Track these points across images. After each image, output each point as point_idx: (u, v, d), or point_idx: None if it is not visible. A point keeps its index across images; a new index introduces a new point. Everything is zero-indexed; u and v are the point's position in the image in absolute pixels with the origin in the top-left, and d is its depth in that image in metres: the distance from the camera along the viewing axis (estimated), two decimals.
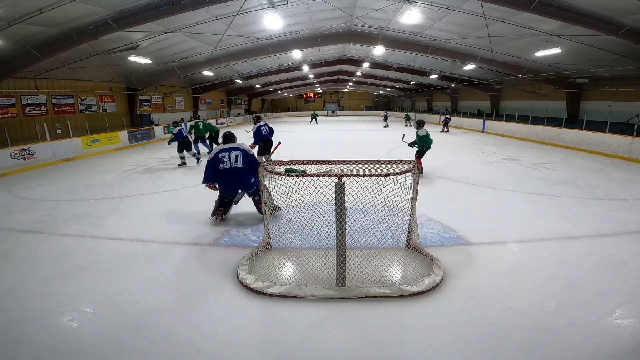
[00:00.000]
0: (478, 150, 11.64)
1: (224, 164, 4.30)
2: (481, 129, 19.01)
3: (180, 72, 15.97)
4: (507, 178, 7.28)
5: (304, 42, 14.46)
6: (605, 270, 3.26)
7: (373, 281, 2.99)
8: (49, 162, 10.39)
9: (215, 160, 4.33)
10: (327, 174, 2.85)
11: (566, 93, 16.02)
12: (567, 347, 2.26)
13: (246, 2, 8.66)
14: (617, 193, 5.99)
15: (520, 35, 10.87)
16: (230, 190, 4.54)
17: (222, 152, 4.36)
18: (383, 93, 40.72)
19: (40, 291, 3.05)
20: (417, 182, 3.31)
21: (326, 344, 2.35)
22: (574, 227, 4.38)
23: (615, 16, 8.20)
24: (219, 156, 4.33)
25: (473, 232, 4.19)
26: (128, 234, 4.38)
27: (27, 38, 8.74)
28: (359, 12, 11.32)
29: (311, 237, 3.55)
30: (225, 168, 4.30)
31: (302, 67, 21.53)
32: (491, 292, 2.90)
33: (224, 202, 4.60)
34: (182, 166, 9.14)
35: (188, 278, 3.23)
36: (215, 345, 2.34)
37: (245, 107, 35.35)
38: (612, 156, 10.05)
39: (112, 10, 8.47)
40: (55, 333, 2.49)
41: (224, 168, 4.30)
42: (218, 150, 4.38)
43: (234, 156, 4.34)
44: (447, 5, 9.63)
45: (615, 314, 2.60)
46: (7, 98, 11.36)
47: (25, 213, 5.44)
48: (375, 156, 9.08)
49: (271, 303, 2.80)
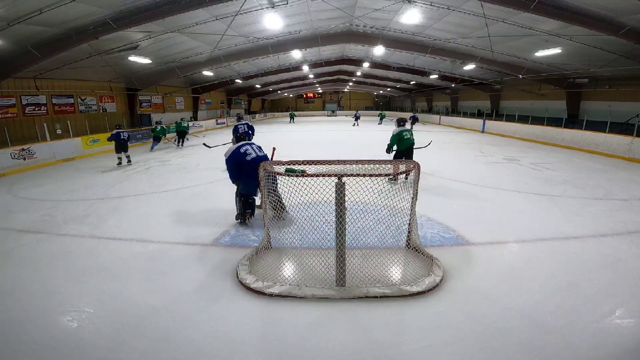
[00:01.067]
0: (478, 150, 11.64)
1: (249, 155, 4.26)
2: (481, 129, 19.01)
3: (180, 72, 15.96)
4: (507, 178, 7.28)
5: (304, 42, 14.46)
6: (605, 270, 3.26)
7: (373, 281, 2.99)
8: (49, 162, 10.39)
9: (236, 155, 4.27)
10: (327, 174, 2.85)
11: (566, 93, 16.02)
12: (567, 347, 2.26)
13: (246, 2, 8.65)
14: (617, 193, 5.99)
15: (520, 35, 10.86)
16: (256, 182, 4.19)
17: (242, 147, 4.33)
18: (383, 93, 40.71)
19: (40, 291, 3.05)
20: (417, 182, 3.31)
21: (326, 344, 2.35)
22: (574, 227, 4.38)
23: (615, 16, 8.19)
24: (240, 151, 4.28)
25: (473, 232, 4.19)
26: (128, 234, 4.38)
27: (27, 38, 8.74)
28: (359, 12, 11.32)
29: (311, 237, 3.55)
30: (252, 158, 4.25)
31: (302, 67, 21.52)
32: (491, 292, 2.90)
33: (248, 203, 4.49)
34: (119, 165, 9.80)
35: (188, 278, 3.23)
36: (215, 345, 2.33)
37: (245, 107, 35.35)
38: (612, 156, 10.05)
39: (112, 10, 8.47)
40: (55, 333, 2.49)
41: (252, 158, 4.24)
42: (237, 147, 4.32)
43: (256, 147, 4.41)
44: (447, 5, 9.63)
45: (615, 314, 2.60)
46: (7, 98, 11.36)
47: (25, 213, 5.44)
48: (375, 156, 9.07)
49: (271, 303, 2.80)
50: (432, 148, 7.54)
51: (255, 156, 4.29)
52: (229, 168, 4.33)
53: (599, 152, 10.65)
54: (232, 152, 4.32)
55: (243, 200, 4.46)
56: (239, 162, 4.25)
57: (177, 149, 13.33)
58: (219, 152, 8.93)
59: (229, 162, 4.31)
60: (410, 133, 6.66)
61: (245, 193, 4.43)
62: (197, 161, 10.02)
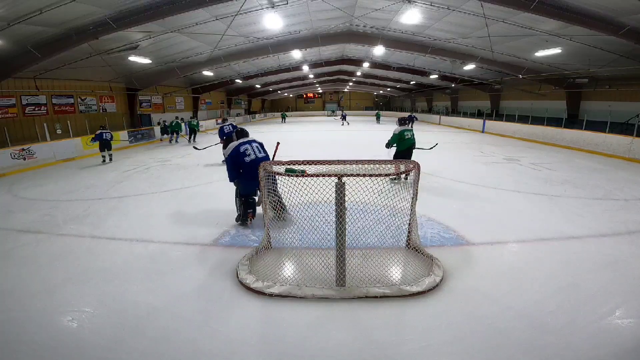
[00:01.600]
0: (478, 150, 11.64)
1: (249, 156, 4.18)
2: (481, 129, 19.01)
3: (180, 72, 15.97)
4: (507, 178, 7.28)
5: (304, 42, 14.46)
6: (605, 270, 3.26)
7: (373, 281, 2.99)
8: (49, 162, 10.40)
9: (235, 154, 4.18)
10: (327, 174, 2.85)
11: (566, 93, 16.02)
12: (567, 347, 2.26)
13: (246, 2, 8.65)
14: (617, 193, 5.99)
15: (520, 35, 10.86)
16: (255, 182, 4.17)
17: (242, 145, 4.23)
18: (383, 93, 40.73)
19: (40, 291, 3.05)
20: (417, 182, 3.31)
21: (326, 344, 2.34)
22: (574, 227, 4.38)
23: (615, 16, 8.19)
24: (239, 150, 4.19)
25: (473, 232, 4.18)
26: (128, 234, 4.37)
27: (27, 38, 8.74)
28: (359, 12, 11.32)
29: (311, 237, 3.55)
30: (252, 159, 4.17)
31: (302, 67, 21.52)
32: (491, 292, 2.90)
33: (249, 203, 4.40)
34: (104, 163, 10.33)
35: (188, 278, 3.23)
36: (215, 345, 2.33)
37: (245, 107, 35.36)
38: (612, 156, 10.05)
39: (112, 10, 8.47)
40: (55, 333, 2.49)
41: (251, 160, 4.17)
42: (237, 145, 4.23)
43: (256, 147, 4.30)
44: (447, 5, 9.63)
45: (615, 314, 2.60)
46: (7, 98, 11.36)
47: (25, 213, 5.44)
48: (375, 156, 9.07)
49: (271, 303, 2.80)
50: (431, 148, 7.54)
51: (254, 157, 4.22)
52: (228, 167, 4.28)
53: (599, 152, 10.65)
54: (232, 149, 4.24)
55: (243, 201, 4.40)
56: (238, 161, 4.19)
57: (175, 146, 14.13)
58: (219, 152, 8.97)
59: (229, 160, 4.25)
60: (411, 133, 6.64)
61: (244, 193, 4.37)
62: (197, 161, 10.02)
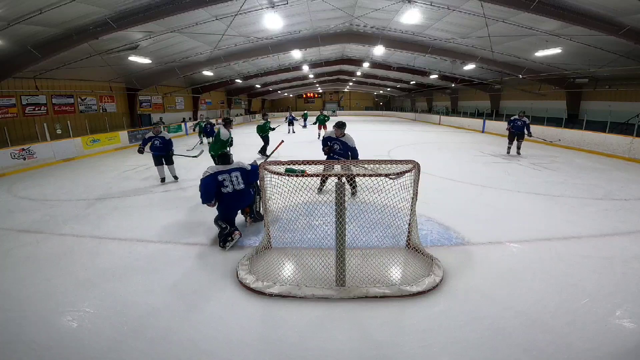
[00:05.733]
0: (478, 150, 11.64)
1: (226, 188, 3.99)
2: (481, 128, 19.00)
3: (180, 72, 15.96)
4: (507, 178, 7.28)
5: (304, 42, 14.45)
6: (605, 270, 3.26)
7: (373, 281, 2.99)
8: (49, 162, 10.39)
9: (211, 181, 3.96)
10: (327, 174, 2.85)
11: (566, 93, 16.02)
12: (567, 347, 2.26)
13: (246, 2, 8.65)
14: (617, 193, 5.99)
15: (520, 35, 10.86)
16: (234, 211, 4.21)
17: (220, 174, 4.01)
18: (383, 93, 40.73)
19: (40, 291, 3.05)
20: (417, 182, 3.31)
21: (326, 344, 2.35)
22: (574, 227, 4.38)
23: (615, 16, 8.19)
24: (218, 179, 3.98)
25: (473, 232, 4.19)
26: (128, 234, 4.38)
27: (27, 38, 8.73)
28: (359, 12, 11.31)
29: (311, 237, 3.56)
30: (229, 192, 4.00)
31: (302, 67, 21.50)
32: (491, 292, 2.90)
33: (230, 221, 4.09)
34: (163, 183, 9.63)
35: (188, 278, 3.23)
36: (215, 345, 2.34)
37: (246, 107, 35.34)
38: (612, 156, 10.04)
39: (112, 10, 8.46)
40: (55, 333, 2.49)
41: (228, 192, 4.00)
42: (216, 172, 4.02)
43: (235, 177, 4.06)
44: (447, 5, 9.63)
45: (615, 314, 2.60)
46: (7, 98, 11.35)
47: (25, 213, 5.44)
48: (375, 156, 9.07)
49: (271, 303, 2.80)
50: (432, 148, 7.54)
51: (231, 191, 4.00)
52: (200, 189, 3.97)
53: (599, 152, 10.65)
54: (207, 175, 4.00)
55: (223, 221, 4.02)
56: (212, 190, 3.96)
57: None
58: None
59: (201, 184, 3.97)
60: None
61: (225, 219, 4.06)
62: (197, 161, 10.00)
